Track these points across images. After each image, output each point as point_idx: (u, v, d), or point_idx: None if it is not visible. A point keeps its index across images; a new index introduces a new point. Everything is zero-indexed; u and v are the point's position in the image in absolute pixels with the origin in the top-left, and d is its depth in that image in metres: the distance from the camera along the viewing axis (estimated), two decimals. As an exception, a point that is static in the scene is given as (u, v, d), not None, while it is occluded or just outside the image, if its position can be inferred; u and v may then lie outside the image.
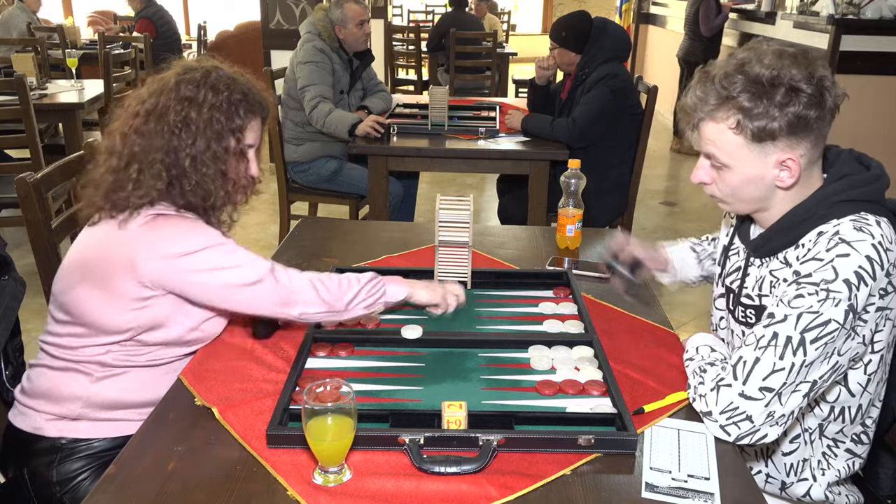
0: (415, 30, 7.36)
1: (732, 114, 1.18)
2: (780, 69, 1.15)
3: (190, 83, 1.34)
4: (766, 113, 1.15)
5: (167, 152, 1.32)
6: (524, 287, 1.74)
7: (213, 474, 1.08)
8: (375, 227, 2.45)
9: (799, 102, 1.14)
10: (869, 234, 1.17)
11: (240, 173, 1.41)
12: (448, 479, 1.07)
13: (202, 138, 1.33)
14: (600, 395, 1.29)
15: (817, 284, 1.16)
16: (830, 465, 1.36)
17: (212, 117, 1.33)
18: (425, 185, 5.10)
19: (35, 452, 1.38)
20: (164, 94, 1.34)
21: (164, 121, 1.32)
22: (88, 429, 1.39)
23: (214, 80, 1.36)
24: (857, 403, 1.32)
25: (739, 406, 1.17)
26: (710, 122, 1.21)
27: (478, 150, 3.04)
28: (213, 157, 1.34)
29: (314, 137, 3.42)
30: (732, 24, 6.18)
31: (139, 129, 1.33)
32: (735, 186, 1.25)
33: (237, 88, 1.37)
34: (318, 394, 1.07)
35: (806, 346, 1.15)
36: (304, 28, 3.44)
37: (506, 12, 10.20)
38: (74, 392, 1.38)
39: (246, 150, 1.40)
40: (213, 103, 1.34)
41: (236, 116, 1.36)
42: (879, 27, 4.44)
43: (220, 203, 1.39)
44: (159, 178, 1.32)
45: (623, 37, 3.18)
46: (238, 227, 1.55)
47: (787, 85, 1.14)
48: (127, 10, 7.28)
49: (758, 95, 1.15)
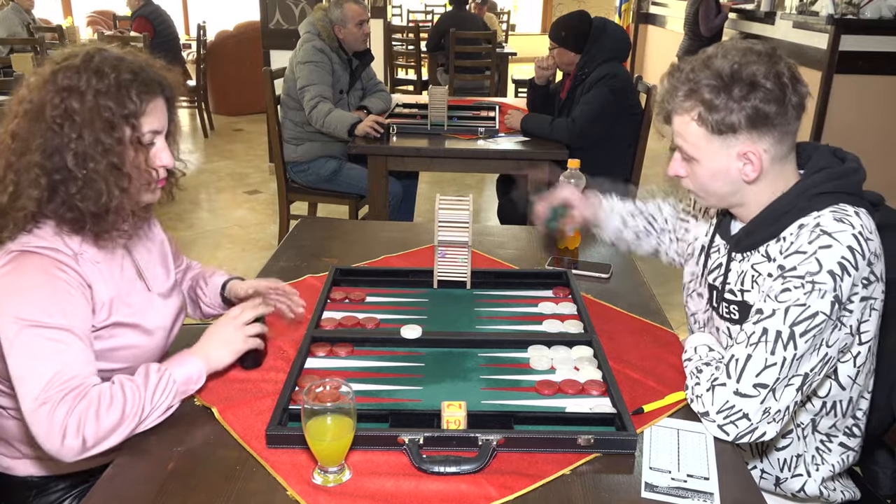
0: (414, 30, 7.37)
1: (696, 106, 1.22)
2: (743, 64, 1.18)
3: (68, 70, 1.16)
4: (725, 106, 1.18)
5: (47, 154, 1.15)
6: (523, 287, 1.74)
7: (212, 474, 1.08)
8: (375, 226, 2.45)
9: (757, 97, 1.17)
10: (849, 225, 1.18)
11: (140, 166, 1.20)
12: (447, 479, 1.07)
13: (89, 131, 1.14)
14: (600, 395, 1.29)
15: (802, 277, 1.17)
16: (825, 461, 1.37)
17: (98, 105, 1.15)
18: (425, 184, 5.10)
19: (11, 491, 1.35)
20: (41, 89, 1.16)
21: (42, 118, 1.14)
22: (54, 466, 1.33)
23: (98, 63, 1.17)
24: (848, 397, 1.33)
25: (735, 404, 1.18)
26: (677, 115, 1.25)
27: (477, 149, 3.04)
28: (103, 151, 1.16)
29: (314, 137, 3.42)
30: (732, 24, 6.18)
31: (14, 132, 1.17)
32: (704, 180, 1.28)
33: (125, 68, 1.18)
34: (318, 394, 1.07)
35: (796, 340, 1.16)
36: (303, 28, 3.44)
37: (505, 12, 10.20)
38: (22, 438, 1.32)
39: (147, 139, 1.21)
40: (97, 89, 1.15)
41: (128, 101, 1.16)
42: (879, 27, 4.44)
43: (116, 204, 1.18)
44: (37, 185, 1.15)
45: (622, 37, 3.18)
46: (237, 227, 1.54)
47: (747, 80, 1.17)
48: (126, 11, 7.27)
49: (718, 89, 1.19)
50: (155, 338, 1.34)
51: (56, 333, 1.13)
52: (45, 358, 1.11)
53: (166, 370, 1.18)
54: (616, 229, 1.61)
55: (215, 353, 1.26)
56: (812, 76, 4.67)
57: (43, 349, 1.12)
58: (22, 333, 1.12)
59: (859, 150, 1.32)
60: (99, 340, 1.24)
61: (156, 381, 1.16)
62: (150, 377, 1.16)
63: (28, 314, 1.12)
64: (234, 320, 1.29)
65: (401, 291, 1.71)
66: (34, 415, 1.09)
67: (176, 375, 1.18)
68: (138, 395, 1.13)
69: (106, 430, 1.10)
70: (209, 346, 1.26)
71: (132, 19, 6.59)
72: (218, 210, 4.72)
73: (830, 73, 4.48)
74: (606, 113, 2.99)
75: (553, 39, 3.17)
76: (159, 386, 1.16)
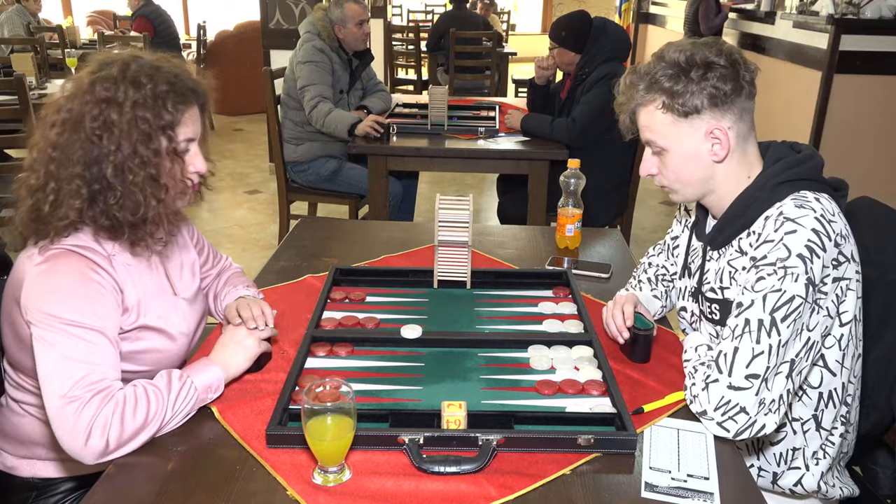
0: (414, 29, 7.37)
1: (658, 96, 1.28)
2: (694, 52, 1.27)
3: (106, 81, 1.18)
4: (686, 90, 1.25)
5: (87, 165, 1.17)
6: (524, 287, 1.74)
7: (212, 474, 1.08)
8: (375, 226, 2.45)
9: (714, 76, 1.25)
10: (810, 210, 1.23)
11: (176, 176, 1.23)
12: (448, 479, 1.07)
13: (127, 142, 1.17)
14: (600, 395, 1.29)
15: (774, 264, 1.21)
16: (827, 454, 1.37)
17: (135, 116, 1.17)
18: (425, 184, 5.11)
19: (11, 491, 1.35)
20: (79, 98, 1.18)
21: (81, 128, 1.17)
22: (59, 468, 1.35)
23: (134, 72, 1.19)
24: (840, 382, 1.35)
25: (731, 399, 1.19)
26: (642, 108, 1.31)
27: (477, 149, 3.04)
28: (141, 163, 1.18)
29: (314, 137, 3.42)
30: (732, 23, 6.18)
31: (55, 142, 1.18)
32: (676, 168, 1.32)
33: (161, 78, 1.20)
34: (318, 393, 1.07)
35: (778, 326, 1.19)
36: (303, 28, 3.44)
37: (505, 12, 10.20)
38: (35, 438, 1.33)
39: (181, 149, 1.24)
40: (135, 100, 1.17)
41: (164, 111, 1.19)
42: (879, 27, 4.43)
43: (152, 214, 1.21)
44: (77, 195, 1.17)
45: (623, 36, 3.18)
46: (237, 227, 1.54)
47: (702, 63, 1.25)
48: (126, 11, 7.27)
49: (677, 75, 1.26)
50: (178, 343, 1.35)
51: (89, 334, 1.15)
52: (76, 357, 1.13)
53: (188, 377, 1.19)
54: (658, 308, 1.62)
55: (233, 361, 1.28)
56: (812, 76, 4.66)
57: (75, 348, 1.13)
58: (55, 331, 1.13)
59: (859, 149, 1.33)
60: (125, 342, 1.26)
61: (178, 387, 1.17)
62: (173, 384, 1.17)
63: (62, 313, 1.14)
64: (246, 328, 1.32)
65: (401, 291, 1.71)
66: (60, 412, 1.10)
67: (197, 383, 1.20)
68: (161, 401, 1.15)
69: (129, 433, 1.11)
70: (226, 355, 1.28)
71: (132, 19, 6.59)
72: (218, 210, 4.72)
73: (830, 72, 4.48)
74: (606, 113, 2.94)
75: (553, 39, 3.16)
76: (181, 393, 1.17)
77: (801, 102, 4.80)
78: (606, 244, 2.10)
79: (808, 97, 4.68)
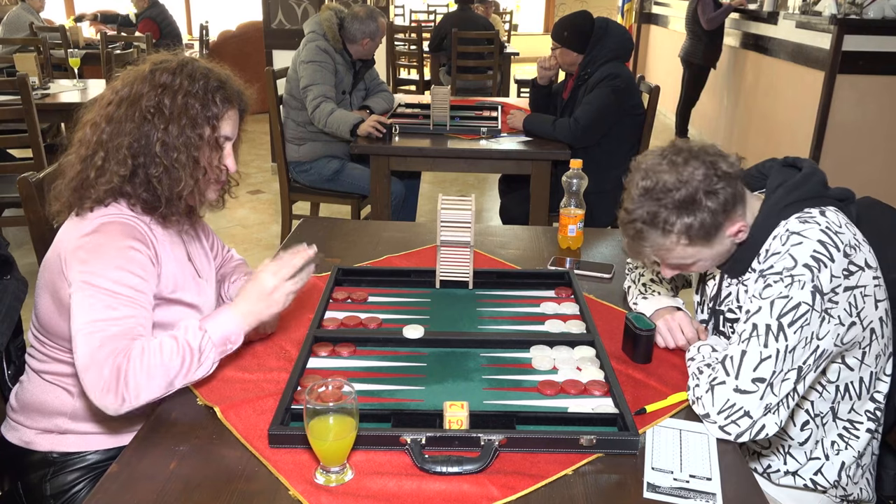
0: (416, 30, 7.36)
1: (677, 237, 1.27)
2: (686, 180, 1.25)
3: (165, 70, 1.30)
4: (702, 221, 1.25)
5: (137, 138, 1.28)
6: (526, 287, 1.74)
7: (214, 474, 1.08)
8: (377, 226, 2.45)
9: (718, 193, 1.25)
10: (815, 223, 1.26)
11: (212, 163, 1.34)
12: (450, 479, 1.07)
13: (175, 124, 1.28)
14: (602, 395, 1.29)
15: (780, 273, 1.24)
16: (850, 446, 1.38)
17: (187, 104, 1.29)
18: (427, 184, 5.11)
19: (28, 466, 1.37)
20: (138, 82, 1.31)
21: (137, 106, 1.28)
22: (78, 442, 1.38)
23: (191, 69, 1.32)
24: (859, 377, 1.36)
25: (736, 402, 1.19)
26: (663, 250, 1.31)
27: (480, 149, 3.05)
28: (185, 144, 1.29)
29: (316, 137, 3.42)
30: (735, 23, 6.17)
31: (110, 115, 1.30)
32: (707, 264, 1.37)
33: (214, 77, 1.33)
34: (320, 393, 1.07)
35: (785, 331, 1.20)
36: (308, 27, 3.44)
37: (508, 12, 10.20)
38: (57, 408, 1.37)
39: (222, 141, 1.35)
40: (188, 90, 1.29)
41: (212, 104, 1.31)
42: (882, 27, 4.42)
43: (187, 193, 1.31)
44: (123, 164, 1.28)
45: (625, 37, 3.17)
46: (239, 227, 1.56)
47: (702, 190, 1.24)
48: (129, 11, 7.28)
49: (686, 213, 1.25)
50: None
51: (128, 291, 1.23)
52: (110, 314, 1.20)
53: (206, 332, 1.23)
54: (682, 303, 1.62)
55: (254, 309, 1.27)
56: (815, 76, 4.66)
57: (112, 305, 1.20)
58: (96, 291, 1.21)
59: (862, 150, 1.34)
60: (158, 309, 1.33)
61: (199, 339, 1.22)
62: (195, 336, 1.22)
63: (105, 271, 1.22)
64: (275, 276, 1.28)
65: (403, 291, 1.71)
66: (93, 361, 1.16)
67: (215, 337, 1.23)
68: (187, 353, 1.20)
69: (155, 386, 1.17)
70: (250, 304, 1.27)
71: (137, 20, 6.60)
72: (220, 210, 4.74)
73: (833, 73, 4.47)
74: (609, 113, 2.98)
75: (555, 39, 3.16)
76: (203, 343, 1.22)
77: (803, 103, 4.80)
78: (608, 244, 2.10)
79: (810, 97, 4.68)
